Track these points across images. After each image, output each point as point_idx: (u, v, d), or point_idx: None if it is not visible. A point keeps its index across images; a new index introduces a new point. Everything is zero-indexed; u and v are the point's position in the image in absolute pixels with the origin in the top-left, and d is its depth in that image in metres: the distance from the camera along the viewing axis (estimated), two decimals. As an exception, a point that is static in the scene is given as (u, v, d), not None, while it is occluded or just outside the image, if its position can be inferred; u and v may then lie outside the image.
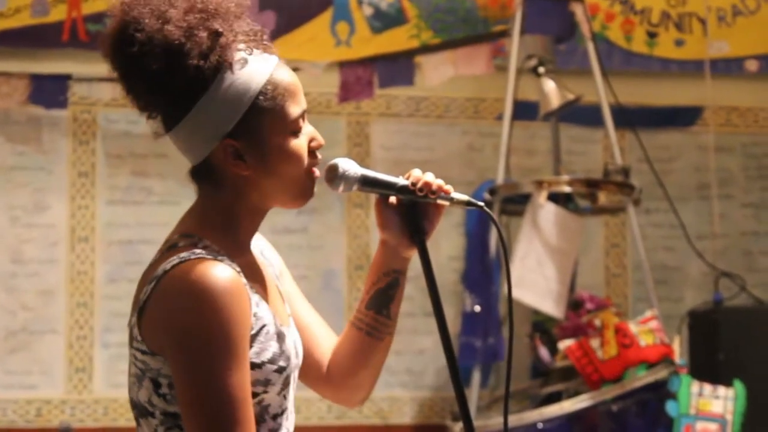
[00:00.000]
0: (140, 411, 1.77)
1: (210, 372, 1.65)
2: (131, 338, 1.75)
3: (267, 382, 1.75)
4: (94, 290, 5.49)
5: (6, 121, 5.49)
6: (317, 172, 1.85)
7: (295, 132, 1.81)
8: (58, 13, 5.41)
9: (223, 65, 1.76)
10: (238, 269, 1.74)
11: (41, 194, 5.50)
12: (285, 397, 1.81)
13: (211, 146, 1.78)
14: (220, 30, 1.77)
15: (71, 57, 5.41)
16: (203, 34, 1.75)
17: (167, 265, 1.72)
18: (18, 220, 5.47)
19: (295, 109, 1.81)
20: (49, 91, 5.36)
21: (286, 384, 1.80)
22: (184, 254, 1.72)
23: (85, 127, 5.56)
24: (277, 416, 1.79)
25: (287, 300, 1.97)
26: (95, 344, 5.46)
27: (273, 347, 1.77)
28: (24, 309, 5.43)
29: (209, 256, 1.72)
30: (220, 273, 1.69)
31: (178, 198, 5.27)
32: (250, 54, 1.79)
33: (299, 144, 1.82)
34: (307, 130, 1.84)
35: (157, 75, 1.74)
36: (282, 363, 1.78)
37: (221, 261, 1.72)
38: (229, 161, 1.78)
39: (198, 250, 1.74)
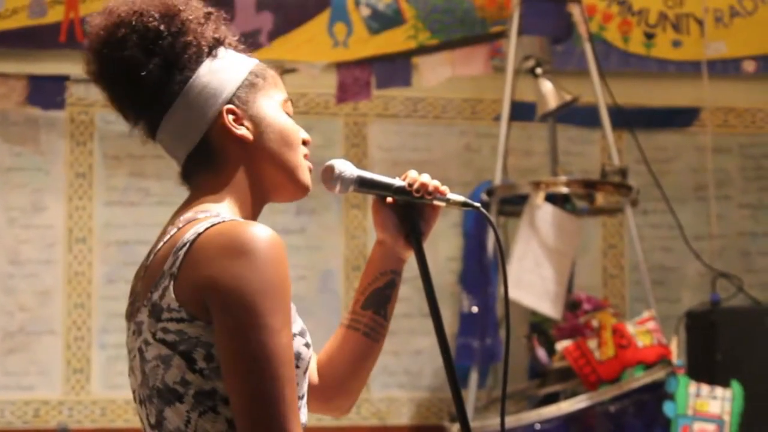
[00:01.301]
0: (165, 398, 1.64)
1: (263, 326, 1.58)
2: (158, 313, 1.64)
3: (299, 356, 1.68)
4: (91, 291, 5.49)
5: (3, 122, 5.49)
6: (310, 164, 1.85)
7: (285, 112, 1.83)
8: (55, 14, 5.41)
9: (219, 40, 1.80)
10: None
11: (39, 195, 5.50)
12: (306, 379, 1.75)
13: (211, 115, 1.76)
14: (211, 11, 1.81)
15: (69, 58, 5.40)
16: (199, 6, 1.79)
17: (199, 229, 1.66)
18: (15, 221, 5.47)
19: (281, 94, 1.83)
20: (47, 92, 5.36)
21: (308, 365, 1.74)
22: (213, 219, 1.68)
23: (83, 128, 5.56)
24: (300, 398, 1.73)
25: None
26: (93, 345, 5.46)
27: (300, 322, 1.73)
28: (21, 310, 5.43)
29: (241, 220, 1.70)
30: (263, 230, 1.63)
31: (176, 199, 5.22)
32: (236, 48, 1.84)
33: (291, 121, 1.83)
34: (294, 122, 1.86)
35: (159, 35, 1.74)
36: (308, 339, 1.74)
37: (256, 223, 1.67)
38: (232, 126, 1.76)
39: (225, 216, 1.70)
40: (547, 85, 5.03)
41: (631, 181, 4.97)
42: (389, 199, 1.90)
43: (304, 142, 1.84)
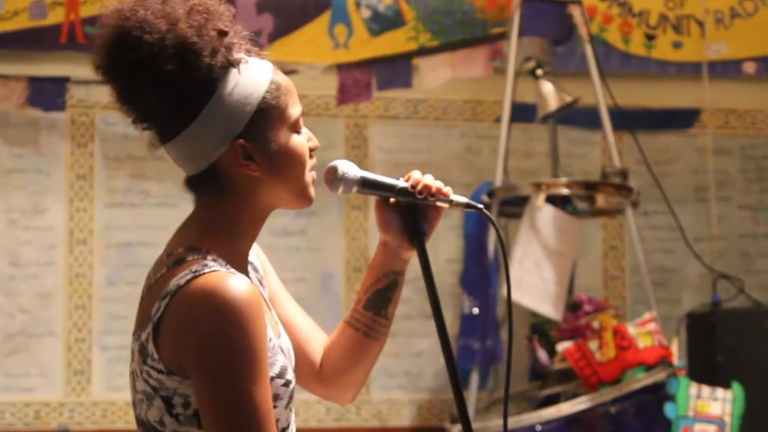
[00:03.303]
0: (147, 430, 1.72)
1: (238, 387, 1.62)
2: (144, 355, 1.70)
3: (276, 397, 1.73)
4: (92, 293, 5.48)
5: (4, 124, 5.48)
6: (314, 174, 1.85)
7: (297, 131, 1.81)
8: (56, 16, 5.40)
9: (231, 64, 1.76)
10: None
11: (39, 197, 5.49)
12: (291, 410, 1.80)
13: (221, 150, 1.74)
14: (225, 29, 1.76)
15: (69, 60, 5.41)
16: (212, 33, 1.74)
17: (180, 280, 1.68)
18: (16, 223, 5.47)
19: (296, 109, 1.81)
20: (48, 94, 5.36)
21: (291, 397, 1.78)
22: (195, 267, 1.69)
23: (83, 129, 5.56)
24: (285, 430, 1.78)
25: (274, 299, 1.97)
26: (93, 347, 5.45)
27: (280, 361, 1.76)
28: (22, 312, 5.43)
29: (223, 269, 1.70)
30: (239, 285, 1.65)
31: (176, 200, 5.27)
32: (250, 56, 1.80)
33: (302, 142, 1.81)
34: (305, 130, 1.85)
35: (170, 76, 1.70)
36: (288, 377, 1.77)
37: (234, 273, 1.69)
38: (239, 163, 1.75)
39: (210, 263, 1.70)
40: (547, 87, 5.03)
41: (631, 183, 4.97)
42: (392, 200, 1.90)
43: (312, 150, 1.84)
